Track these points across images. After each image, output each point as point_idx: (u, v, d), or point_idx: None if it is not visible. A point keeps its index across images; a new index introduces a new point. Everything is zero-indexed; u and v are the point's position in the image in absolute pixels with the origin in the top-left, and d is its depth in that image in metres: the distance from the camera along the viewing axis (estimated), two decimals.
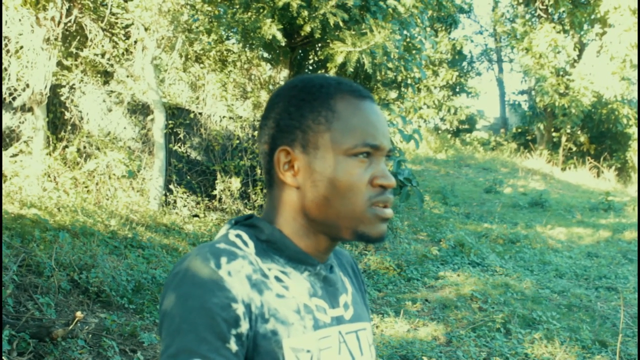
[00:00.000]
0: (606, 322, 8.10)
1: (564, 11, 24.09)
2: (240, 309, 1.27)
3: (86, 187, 9.95)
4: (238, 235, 1.41)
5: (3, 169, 9.33)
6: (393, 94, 12.32)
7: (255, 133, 11.08)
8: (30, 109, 9.85)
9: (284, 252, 1.42)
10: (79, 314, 5.33)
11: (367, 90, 1.44)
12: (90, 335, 5.55)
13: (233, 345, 1.26)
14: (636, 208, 16.57)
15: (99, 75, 10.69)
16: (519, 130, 27.81)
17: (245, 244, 1.39)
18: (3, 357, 4.67)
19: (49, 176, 9.79)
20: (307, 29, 9.50)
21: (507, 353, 6.86)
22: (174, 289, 1.29)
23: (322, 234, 1.43)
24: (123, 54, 10.55)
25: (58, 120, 10.32)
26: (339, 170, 1.37)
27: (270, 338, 1.31)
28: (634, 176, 23.25)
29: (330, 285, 1.48)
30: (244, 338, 1.28)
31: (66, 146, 10.15)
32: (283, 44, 10.09)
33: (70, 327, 5.29)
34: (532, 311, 8.16)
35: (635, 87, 23.29)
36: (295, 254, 1.42)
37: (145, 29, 10.05)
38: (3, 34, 9.30)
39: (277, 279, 1.37)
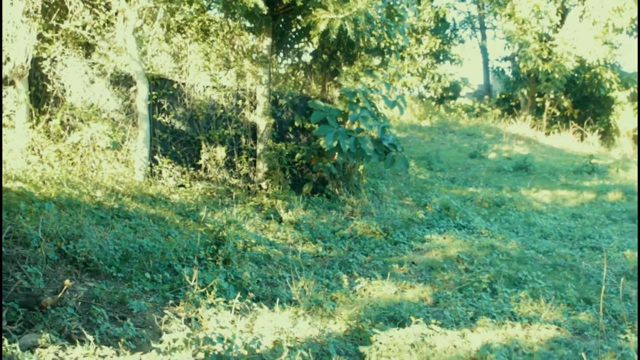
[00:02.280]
0: (590, 280, 8.19)
1: None
2: None
3: (71, 159, 9.92)
4: None
5: None
6: (376, 61, 12.30)
7: (239, 102, 11.05)
8: (12, 83, 9.78)
9: None
10: (67, 282, 5.35)
11: None
12: (79, 304, 5.57)
13: None
14: (619, 170, 16.69)
15: (80, 48, 10.61)
16: (503, 96, 27.84)
17: None
18: None
19: (32, 149, 9.74)
20: None
21: (493, 312, 6.94)
22: None
23: None
24: (104, 25, 10.47)
25: (40, 93, 10.25)
26: None
27: None
28: (618, 139, 23.37)
29: None
30: None
31: (49, 119, 10.09)
32: (265, 12, 10.05)
33: (59, 295, 5.31)
34: (518, 271, 8.25)
35: (619, 51, 23.39)
36: None
37: (126, 0, 9.98)
38: None
39: None
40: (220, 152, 10.80)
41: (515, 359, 5.73)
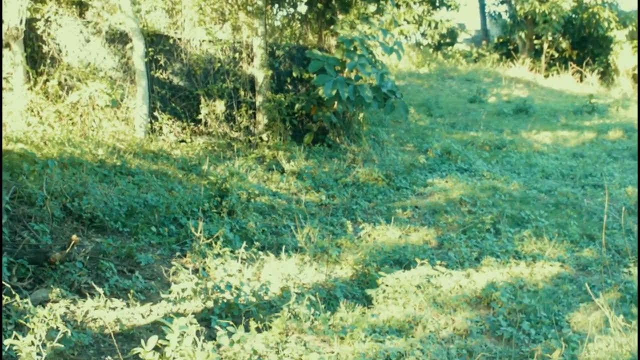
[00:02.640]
0: (593, 217, 8.25)
1: None
2: None
3: (70, 119, 9.91)
4: None
5: None
6: (372, 8, 12.22)
7: (236, 55, 11.01)
8: (7, 45, 9.73)
9: None
10: (75, 237, 5.40)
11: None
12: (87, 259, 5.63)
13: None
14: (619, 109, 16.67)
15: (74, 7, 10.55)
16: (501, 40, 27.65)
17: None
18: (3, 283, 4.75)
19: (32, 111, 9.74)
20: None
21: (497, 252, 7.01)
22: None
23: None
24: None
25: (36, 54, 10.21)
26: None
27: None
28: (617, 79, 23.27)
29: None
30: None
31: (47, 80, 10.07)
32: None
33: (68, 250, 5.37)
34: (521, 211, 8.30)
35: None
36: None
37: None
38: None
39: None
40: (220, 106, 10.79)
41: (521, 296, 5.80)
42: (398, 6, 23.73)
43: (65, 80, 10.19)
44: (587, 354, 4.65)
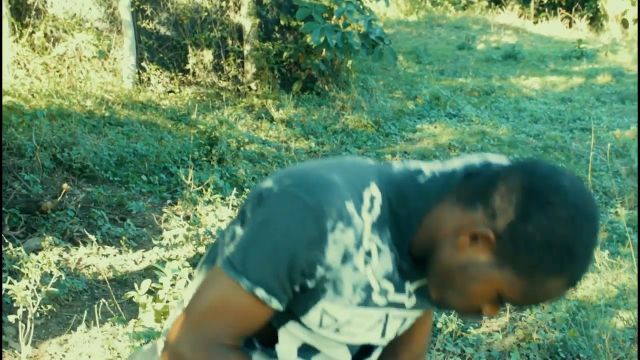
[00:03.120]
0: (581, 160, 8.32)
1: None
2: (320, 272, 1.33)
3: (58, 71, 9.86)
4: (373, 199, 1.39)
5: None
6: None
7: (223, 4, 10.92)
8: None
9: (395, 235, 1.41)
10: (65, 185, 5.43)
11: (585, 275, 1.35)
12: (79, 207, 5.66)
13: (296, 288, 1.36)
14: (608, 53, 16.66)
15: None
16: None
17: (371, 210, 1.38)
18: None
19: (18, 63, 9.68)
20: None
21: None
22: (281, 214, 1.32)
23: (422, 260, 1.43)
24: None
25: (21, 6, 10.11)
26: (487, 282, 1.32)
27: (317, 292, 1.38)
28: (606, 24, 23.18)
29: (407, 272, 1.47)
30: (306, 287, 1.37)
31: (32, 32, 9.98)
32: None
33: (59, 199, 5.40)
34: (509, 155, 8.35)
35: None
36: (400, 248, 1.43)
37: None
38: None
39: (368, 253, 1.38)
40: (208, 56, 10.74)
41: None
42: None
43: (51, 32, 10.11)
44: (573, 292, 4.73)
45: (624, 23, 22.92)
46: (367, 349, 1.58)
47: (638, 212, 7.83)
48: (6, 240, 4.64)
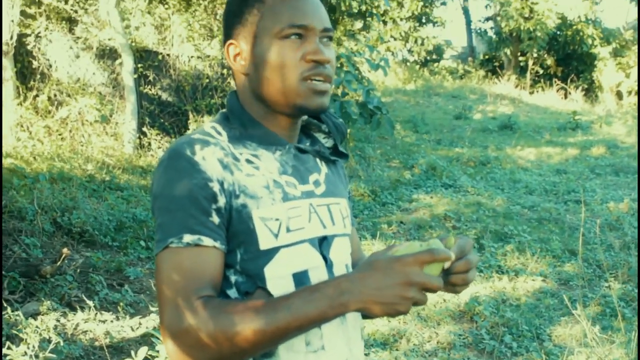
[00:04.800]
0: (575, 233, 8.38)
1: None
2: (216, 187, 1.47)
3: (60, 134, 10.01)
4: (213, 127, 1.60)
5: None
6: (358, 25, 12.38)
7: (224, 71, 11.13)
8: None
9: (254, 136, 1.61)
10: (65, 250, 5.49)
11: None
12: (78, 272, 5.71)
13: (215, 218, 1.47)
14: (603, 125, 16.88)
15: (64, 22, 10.66)
16: (487, 57, 27.88)
17: (219, 133, 1.58)
18: None
19: (22, 126, 9.83)
20: None
21: (481, 266, 7.13)
22: (159, 175, 1.50)
23: (278, 113, 1.62)
24: None
25: (26, 69, 10.31)
26: (272, 52, 1.55)
27: (241, 211, 1.50)
28: (601, 95, 23.51)
29: (301, 164, 1.65)
30: (223, 211, 1.48)
31: (37, 95, 10.17)
32: None
33: (58, 263, 5.46)
34: (504, 226, 8.43)
35: (599, 7, 23.43)
36: (265, 135, 1.61)
37: None
38: None
39: (248, 161, 1.56)
40: (210, 119, 10.88)
41: (503, 310, 5.92)
42: (385, 23, 23.93)
43: (55, 95, 10.28)
44: None
45: (619, 95, 23.26)
46: (326, 242, 1.65)
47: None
48: (5, 304, 4.68)
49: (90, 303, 5.08)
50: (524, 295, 6.39)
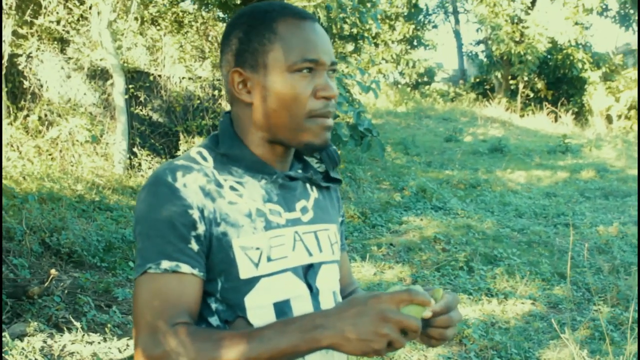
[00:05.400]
0: (564, 256, 8.39)
1: None
2: (195, 214, 1.47)
3: (50, 154, 10.00)
4: (199, 152, 1.59)
5: None
6: (350, 47, 12.44)
7: (215, 92, 11.16)
8: None
9: (242, 163, 1.59)
10: (53, 271, 5.47)
11: (308, 12, 1.60)
12: (65, 293, 5.69)
13: (194, 245, 1.47)
14: (592, 149, 16.96)
15: (55, 43, 10.68)
16: (477, 80, 28.04)
17: (205, 159, 1.57)
18: None
19: (12, 146, 9.81)
20: None
21: (470, 289, 7.13)
22: (141, 201, 1.50)
23: (277, 143, 1.60)
24: (78, 20, 10.54)
25: (17, 89, 10.32)
26: (283, 85, 1.53)
27: (222, 239, 1.50)
28: (591, 119, 23.63)
29: (288, 192, 1.64)
30: (202, 238, 1.48)
31: (27, 115, 10.16)
32: (239, 2, 10.16)
33: (46, 284, 5.43)
34: (493, 249, 8.44)
35: (589, 32, 23.60)
36: (253, 163, 1.59)
37: None
38: None
39: (232, 188, 1.55)
40: (199, 143, 10.88)
41: (492, 333, 5.91)
42: (376, 45, 24.07)
43: (46, 115, 10.28)
44: None
45: (609, 119, 23.38)
46: (312, 270, 1.64)
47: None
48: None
49: (78, 324, 5.06)
50: (513, 318, 6.39)
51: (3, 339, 4.42)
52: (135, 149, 10.54)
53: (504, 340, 5.77)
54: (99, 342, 5.05)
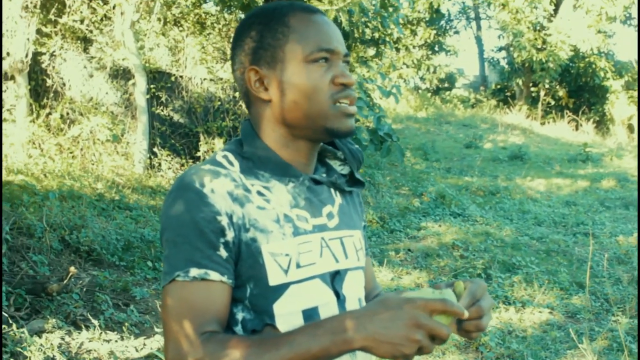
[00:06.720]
0: (583, 265, 8.34)
1: None
2: (224, 221, 1.46)
3: (71, 152, 10.05)
4: (225, 156, 1.58)
5: None
6: (371, 52, 12.44)
7: (236, 94, 11.19)
8: (12, 77, 9.91)
9: (267, 166, 1.58)
10: (72, 269, 5.50)
11: (316, 7, 1.62)
12: (84, 291, 5.72)
13: (223, 252, 1.46)
14: (614, 158, 16.85)
15: (78, 42, 10.75)
16: (498, 86, 27.93)
17: (231, 163, 1.56)
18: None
19: (33, 143, 9.88)
20: None
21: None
22: (168, 207, 1.49)
23: (300, 139, 1.60)
24: (102, 19, 10.60)
25: (40, 87, 10.39)
26: (301, 76, 1.53)
27: (251, 245, 1.49)
28: (613, 128, 23.49)
29: (314, 196, 1.63)
30: (231, 245, 1.47)
31: (49, 113, 10.23)
32: (261, 3, 10.17)
33: (65, 282, 5.46)
34: (512, 257, 8.40)
35: (612, 40, 23.43)
36: (278, 166, 1.58)
37: None
38: None
39: (259, 193, 1.54)
40: (219, 144, 10.93)
41: (509, 341, 5.88)
42: (397, 50, 24.01)
43: (68, 113, 10.35)
44: None
45: (630, 128, 23.23)
46: (339, 277, 1.64)
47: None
48: (10, 321, 4.68)
49: (96, 322, 5.08)
50: (531, 327, 6.35)
51: (22, 334, 4.44)
52: (155, 149, 10.59)
53: (521, 348, 5.74)
54: (116, 341, 5.07)
